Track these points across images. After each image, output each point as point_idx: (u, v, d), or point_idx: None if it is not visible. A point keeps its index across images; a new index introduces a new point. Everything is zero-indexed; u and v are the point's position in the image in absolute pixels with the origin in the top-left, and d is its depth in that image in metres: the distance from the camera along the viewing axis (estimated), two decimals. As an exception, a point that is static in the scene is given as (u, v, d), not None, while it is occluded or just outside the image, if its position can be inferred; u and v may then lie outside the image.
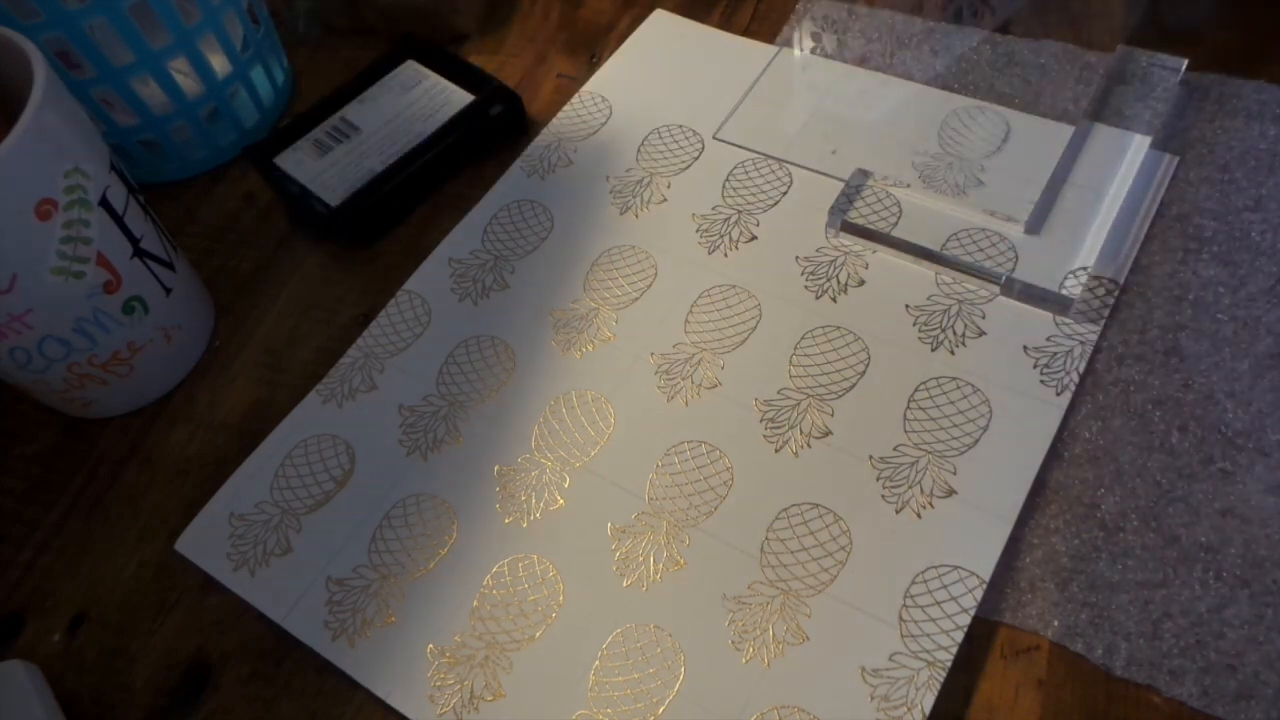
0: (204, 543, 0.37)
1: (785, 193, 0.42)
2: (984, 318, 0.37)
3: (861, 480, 0.34)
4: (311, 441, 0.38)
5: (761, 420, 0.36)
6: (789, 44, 0.47)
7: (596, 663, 0.32)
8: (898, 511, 0.33)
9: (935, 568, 0.32)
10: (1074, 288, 0.37)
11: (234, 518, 0.37)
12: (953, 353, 0.36)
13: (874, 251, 0.40)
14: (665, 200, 0.43)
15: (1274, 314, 0.35)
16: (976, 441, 0.34)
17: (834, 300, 0.38)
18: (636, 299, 0.40)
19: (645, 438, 0.36)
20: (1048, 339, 0.36)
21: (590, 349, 0.39)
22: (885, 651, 0.30)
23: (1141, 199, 0.39)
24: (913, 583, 0.32)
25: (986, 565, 0.31)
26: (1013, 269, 0.38)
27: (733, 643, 0.31)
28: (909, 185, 0.41)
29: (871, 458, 0.34)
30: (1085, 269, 0.37)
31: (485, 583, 0.34)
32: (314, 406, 0.39)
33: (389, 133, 0.46)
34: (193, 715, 0.34)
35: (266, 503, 0.37)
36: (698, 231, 0.42)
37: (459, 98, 0.47)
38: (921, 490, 0.33)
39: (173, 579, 0.37)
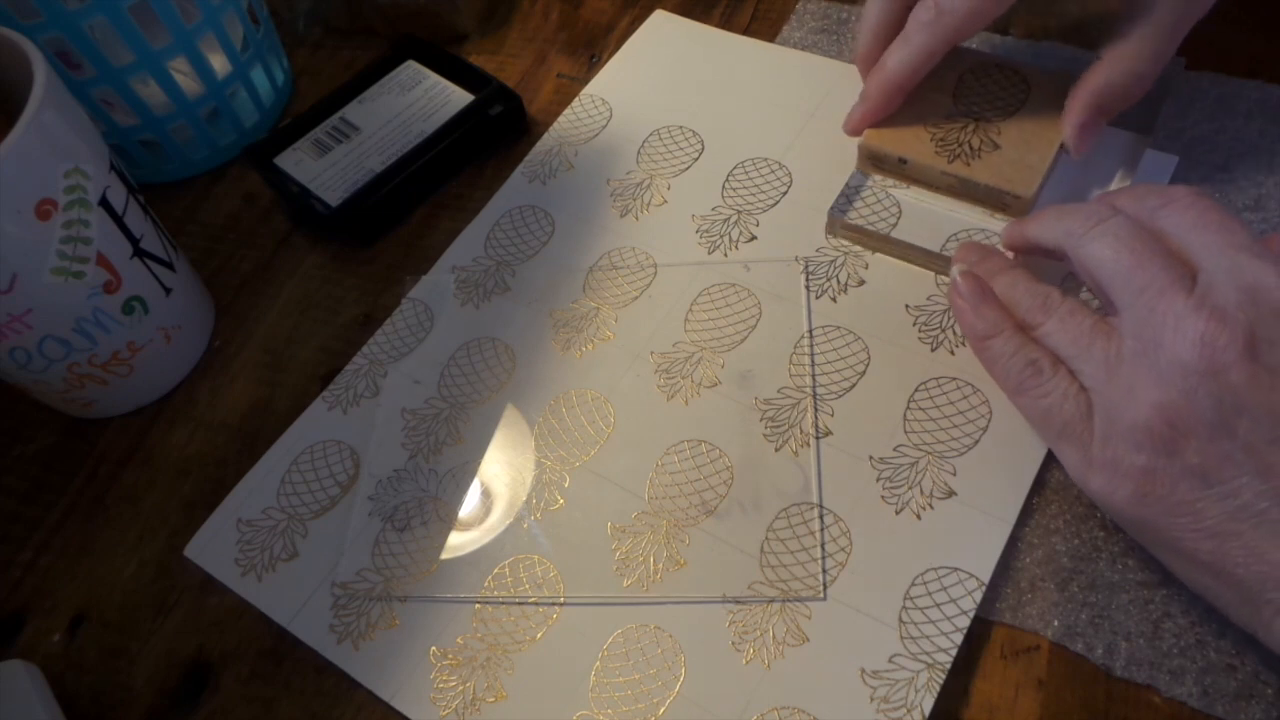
0: (212, 548, 0.37)
1: (785, 193, 0.42)
2: (984, 318, 0.37)
3: (861, 481, 0.34)
4: (317, 447, 0.38)
5: (762, 419, 0.36)
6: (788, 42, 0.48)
7: (597, 663, 0.32)
8: (897, 513, 0.33)
9: (935, 569, 0.32)
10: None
11: (241, 523, 0.37)
12: (953, 353, 0.36)
13: (874, 251, 0.40)
14: (665, 202, 0.43)
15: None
16: (977, 442, 0.34)
17: (834, 300, 0.38)
18: (636, 298, 0.40)
19: (645, 437, 0.36)
20: (1048, 339, 0.36)
21: (590, 348, 0.39)
22: (885, 653, 0.31)
23: (1141, 199, 0.39)
24: (912, 584, 0.32)
25: (986, 567, 0.31)
26: (1013, 269, 0.38)
27: (733, 644, 0.32)
28: (909, 186, 0.41)
29: (871, 458, 0.34)
30: (1085, 269, 0.37)
31: (486, 584, 0.34)
32: (319, 413, 0.39)
33: (389, 133, 0.46)
34: (193, 715, 0.34)
35: (273, 509, 0.37)
36: (697, 232, 0.42)
37: (459, 98, 0.47)
38: (921, 491, 0.33)
39: (173, 579, 0.37)
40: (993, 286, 0.33)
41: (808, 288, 0.39)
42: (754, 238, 0.41)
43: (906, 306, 0.38)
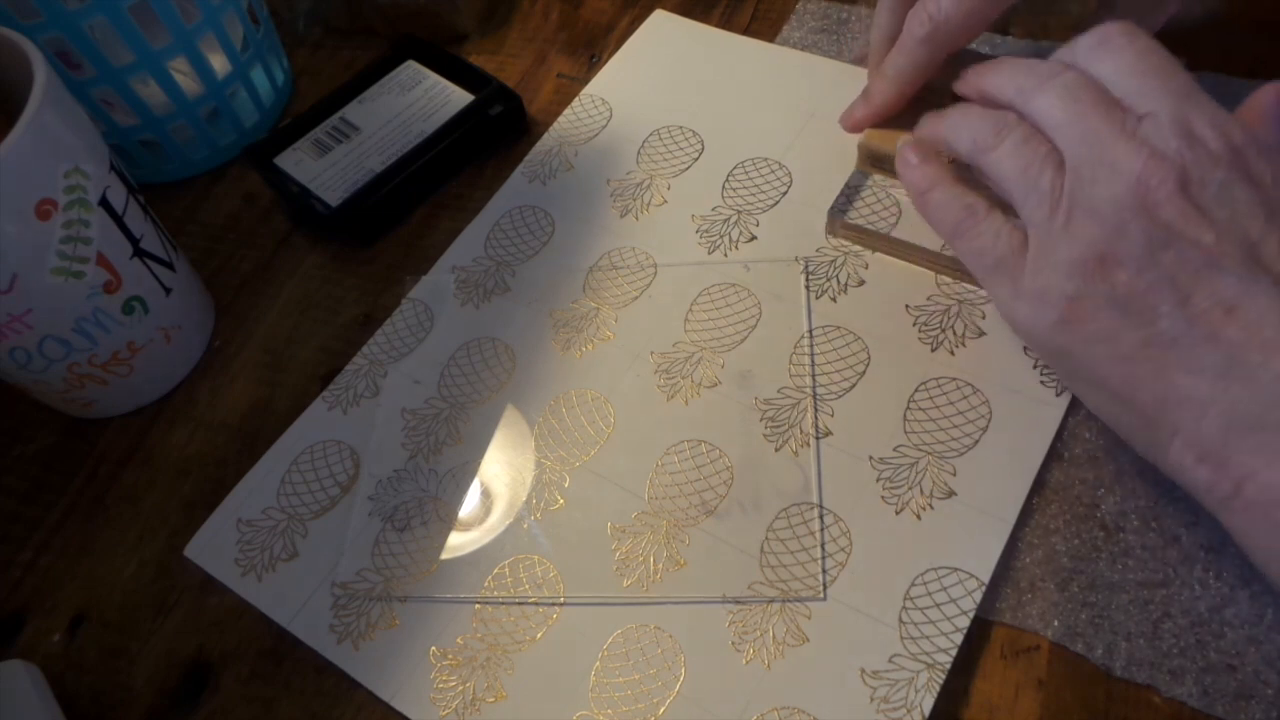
0: (212, 548, 0.37)
1: (785, 193, 0.42)
2: (984, 318, 0.37)
3: (861, 481, 0.34)
4: (318, 447, 0.38)
5: (762, 419, 0.36)
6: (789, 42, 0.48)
7: (597, 663, 0.32)
8: (897, 513, 0.33)
9: (935, 569, 0.32)
10: None
11: (242, 523, 0.37)
12: (953, 353, 0.36)
13: (874, 251, 0.40)
14: (665, 202, 0.43)
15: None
16: (976, 442, 0.34)
17: (834, 300, 0.38)
18: (636, 298, 0.40)
19: (645, 437, 0.36)
20: (1048, 339, 0.36)
21: (590, 348, 0.39)
22: (885, 653, 0.30)
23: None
24: (912, 584, 0.32)
25: (986, 567, 0.31)
26: (1013, 269, 0.38)
27: (733, 644, 0.32)
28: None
29: (871, 458, 0.34)
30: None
31: (486, 584, 0.34)
32: (319, 413, 0.39)
33: (389, 133, 0.46)
34: (193, 715, 0.34)
35: (273, 509, 0.37)
36: (697, 232, 0.42)
37: (459, 98, 0.47)
38: (921, 491, 0.33)
39: (173, 579, 0.37)
40: (948, 112, 0.34)
41: (808, 288, 0.39)
42: (754, 238, 0.41)
43: (906, 306, 0.38)
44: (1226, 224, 0.26)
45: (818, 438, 0.35)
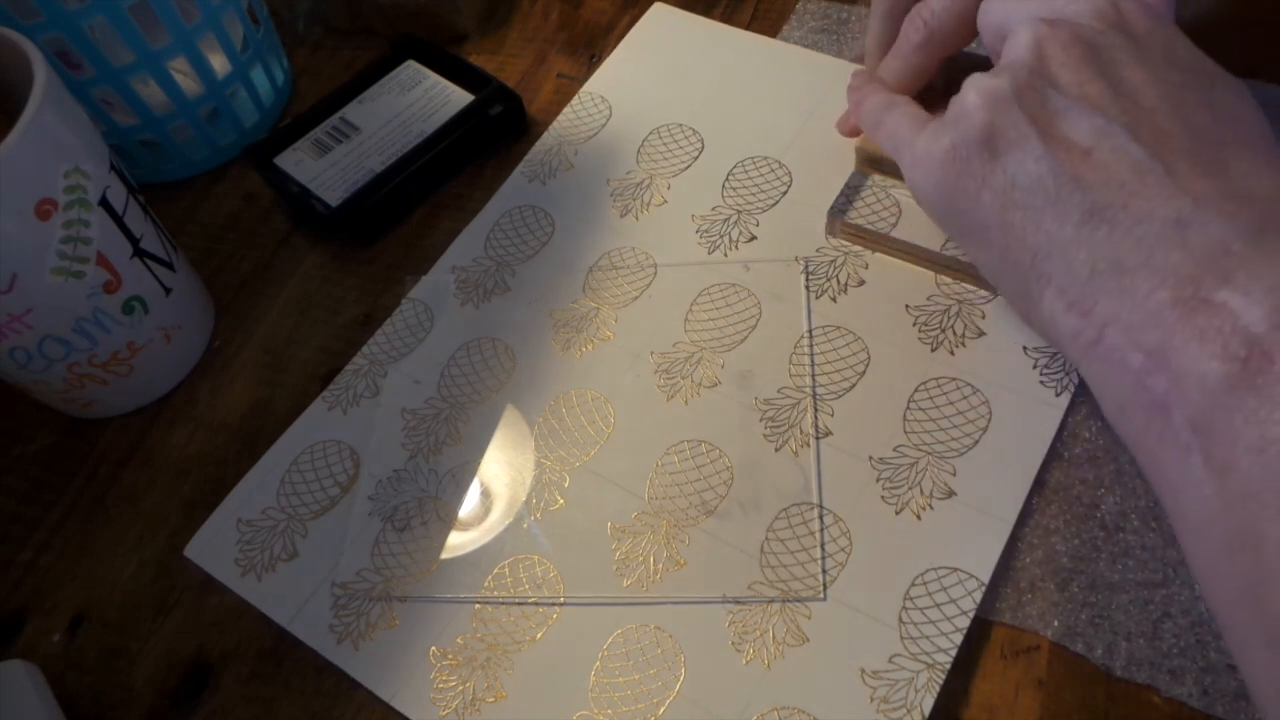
0: (212, 548, 0.37)
1: (785, 193, 0.42)
2: (984, 318, 0.37)
3: (861, 480, 0.34)
4: (318, 447, 0.38)
5: (762, 419, 0.36)
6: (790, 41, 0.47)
7: (597, 664, 0.32)
8: (897, 513, 0.33)
9: (934, 569, 0.32)
10: None
11: (241, 523, 0.37)
12: (953, 353, 0.36)
13: (874, 251, 0.40)
14: (665, 202, 0.43)
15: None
16: (976, 442, 0.34)
17: (834, 300, 0.38)
18: (636, 298, 0.40)
19: (645, 437, 0.36)
20: (1048, 339, 0.36)
21: (590, 348, 0.39)
22: (885, 653, 0.31)
23: (1141, 199, 0.39)
24: (912, 585, 0.32)
25: (986, 567, 0.31)
26: (1013, 269, 0.38)
27: (733, 644, 0.32)
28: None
29: (871, 458, 0.34)
30: (1085, 269, 0.37)
31: (486, 584, 0.34)
32: (319, 413, 0.39)
33: (389, 133, 0.46)
34: (193, 715, 0.34)
35: (273, 509, 0.37)
36: (697, 232, 0.42)
37: (459, 98, 0.47)
38: (921, 491, 0.33)
39: (173, 579, 0.37)
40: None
41: (808, 288, 0.39)
42: (754, 238, 0.41)
43: (906, 306, 0.38)
44: (1091, 70, 0.27)
45: (818, 438, 0.35)
